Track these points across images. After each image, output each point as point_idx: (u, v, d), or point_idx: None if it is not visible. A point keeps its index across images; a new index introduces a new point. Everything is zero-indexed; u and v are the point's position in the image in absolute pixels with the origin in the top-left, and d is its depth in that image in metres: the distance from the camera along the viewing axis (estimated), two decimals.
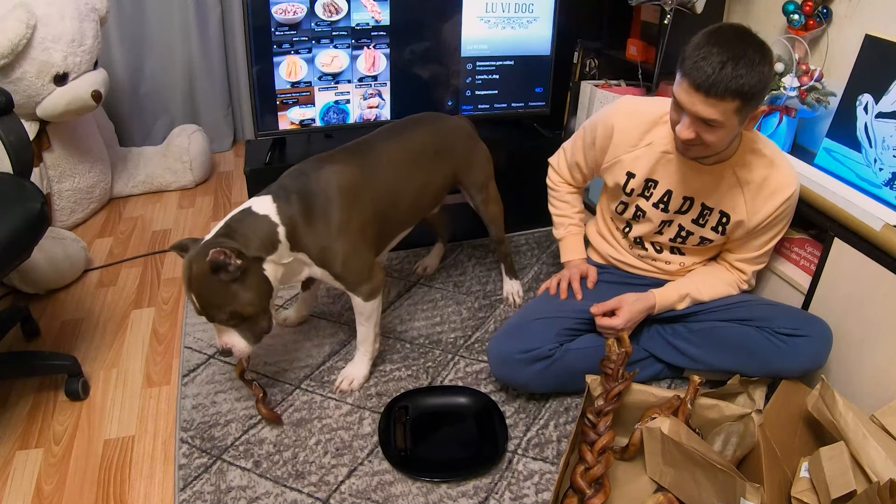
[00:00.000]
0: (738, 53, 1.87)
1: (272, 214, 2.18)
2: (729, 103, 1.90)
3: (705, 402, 2.16)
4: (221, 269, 2.04)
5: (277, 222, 2.18)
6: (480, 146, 2.88)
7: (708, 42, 1.90)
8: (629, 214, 2.47)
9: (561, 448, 2.30)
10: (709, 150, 2.09)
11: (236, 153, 4.75)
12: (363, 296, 2.40)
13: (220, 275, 2.05)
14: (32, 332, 2.80)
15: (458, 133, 2.79)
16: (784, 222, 2.31)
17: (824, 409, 1.95)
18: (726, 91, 1.87)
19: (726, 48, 1.87)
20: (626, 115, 2.36)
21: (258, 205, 2.20)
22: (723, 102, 1.90)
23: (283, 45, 2.98)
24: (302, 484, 2.14)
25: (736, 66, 1.86)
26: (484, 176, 2.87)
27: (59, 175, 3.52)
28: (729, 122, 1.95)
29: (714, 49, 1.88)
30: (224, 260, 2.02)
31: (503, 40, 3.30)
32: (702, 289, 2.43)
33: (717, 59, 1.87)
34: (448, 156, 2.72)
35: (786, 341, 2.27)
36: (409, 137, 2.60)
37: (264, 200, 2.21)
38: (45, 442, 2.33)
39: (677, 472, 2.00)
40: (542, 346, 2.33)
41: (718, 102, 1.90)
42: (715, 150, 2.09)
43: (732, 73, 1.86)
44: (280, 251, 2.19)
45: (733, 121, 1.95)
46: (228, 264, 2.03)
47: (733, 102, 1.90)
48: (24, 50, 3.08)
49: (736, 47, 1.87)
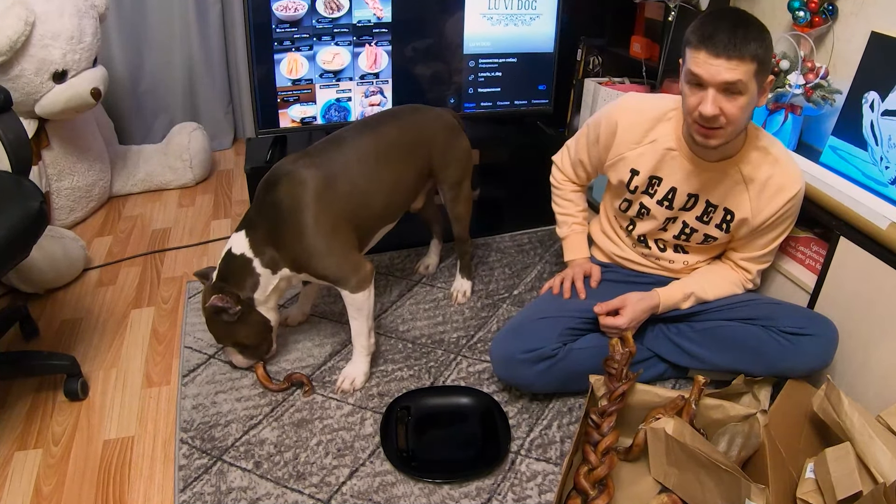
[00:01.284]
0: (743, 21, 1.97)
1: (247, 251, 2.38)
2: (749, 64, 1.95)
3: (710, 402, 2.16)
4: (223, 313, 2.36)
5: (251, 257, 2.38)
6: (460, 142, 2.84)
7: (711, 18, 2.00)
8: (633, 212, 2.47)
9: (564, 449, 2.30)
10: (729, 132, 2.07)
11: (237, 151, 4.75)
12: (350, 288, 2.41)
13: (223, 316, 2.38)
14: (31, 332, 2.80)
15: (436, 127, 2.75)
16: (789, 221, 2.31)
17: (830, 410, 1.95)
18: (745, 51, 1.93)
19: (731, 18, 1.98)
20: (630, 112, 2.37)
21: (236, 244, 2.40)
22: (743, 63, 1.94)
23: (284, 42, 2.98)
24: (303, 485, 2.14)
25: (747, 29, 1.94)
26: (460, 173, 2.85)
27: (58, 173, 3.52)
28: (750, 87, 1.98)
29: (720, 21, 1.97)
30: (223, 305, 2.33)
31: (506, 37, 3.31)
32: (706, 288, 2.43)
33: (727, 26, 1.94)
34: (423, 150, 2.70)
35: (791, 340, 2.27)
36: (381, 133, 2.57)
37: (239, 238, 2.39)
38: (43, 442, 2.33)
39: (681, 472, 2.00)
40: (545, 346, 2.33)
41: (740, 63, 1.94)
42: (736, 129, 2.08)
43: (745, 35, 1.94)
44: (262, 284, 2.41)
45: (753, 87, 1.99)
46: (228, 309, 2.34)
47: (752, 64, 1.95)
48: (22, 47, 3.08)
49: (740, 17, 1.99)
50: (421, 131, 2.70)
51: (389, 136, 2.58)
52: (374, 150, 2.52)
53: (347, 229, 2.42)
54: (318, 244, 2.33)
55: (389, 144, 2.57)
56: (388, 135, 2.58)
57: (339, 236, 2.38)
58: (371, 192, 2.49)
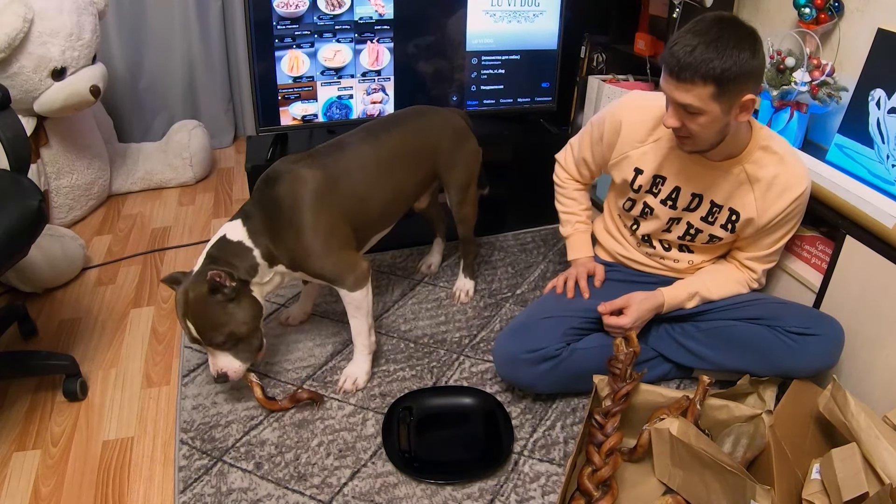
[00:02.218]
0: (712, 38, 1.90)
1: (245, 239, 2.33)
2: (702, 88, 1.93)
3: (715, 402, 2.16)
4: (219, 290, 2.22)
5: (251, 246, 2.33)
6: (469, 144, 2.85)
7: (687, 30, 1.95)
8: (637, 211, 2.47)
9: (568, 449, 2.30)
10: (699, 143, 2.10)
11: (237, 149, 4.76)
12: (348, 286, 2.42)
13: (217, 296, 2.23)
14: (30, 332, 2.81)
15: (443, 131, 2.76)
16: (795, 220, 2.31)
17: (836, 410, 1.95)
18: (695, 74, 1.91)
19: (701, 34, 1.92)
20: (635, 111, 2.37)
21: (231, 231, 2.33)
22: (695, 87, 1.93)
23: (285, 39, 2.98)
24: (304, 486, 2.15)
25: (706, 49, 1.89)
26: (467, 176, 2.85)
27: (57, 171, 3.53)
28: (709, 109, 1.97)
29: (688, 35, 1.93)
30: (220, 281, 2.20)
31: (509, 34, 3.30)
32: (711, 287, 2.43)
33: (689, 44, 1.91)
34: (428, 156, 2.71)
35: (797, 340, 2.27)
36: (384, 141, 2.57)
37: (236, 226, 2.34)
38: (42, 443, 2.34)
39: (686, 473, 2.00)
40: (548, 346, 2.33)
41: (691, 87, 1.94)
42: (704, 141, 2.09)
43: (701, 56, 1.89)
44: (261, 272, 2.35)
45: (713, 108, 1.97)
46: (225, 285, 2.21)
47: (706, 87, 1.93)
48: (21, 44, 3.09)
49: (710, 32, 1.91)
50: (427, 137, 2.70)
51: (392, 145, 2.58)
52: (376, 158, 2.52)
53: (345, 229, 2.43)
54: (315, 244, 2.34)
55: (392, 153, 2.57)
56: (390, 143, 2.58)
57: (337, 236, 2.39)
58: (369, 199, 2.50)
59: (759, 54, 1.95)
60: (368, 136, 2.57)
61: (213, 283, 2.19)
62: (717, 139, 2.11)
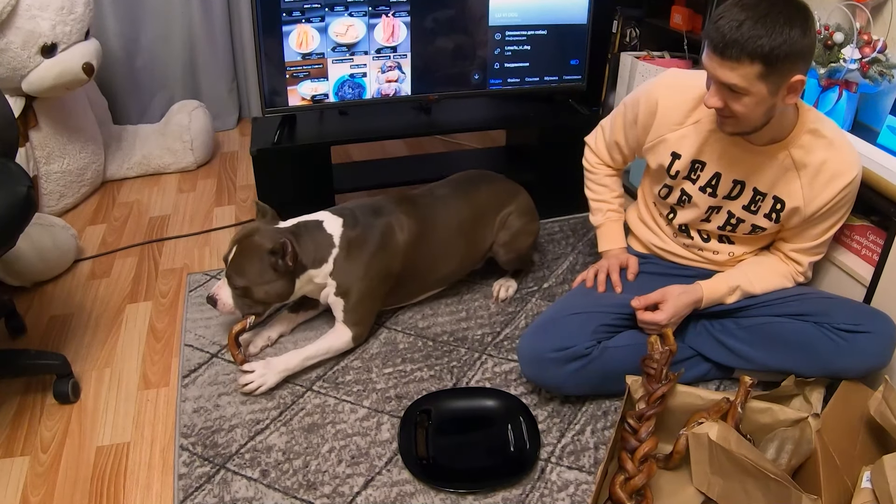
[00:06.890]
0: (761, 13, 1.89)
1: (336, 236, 2.62)
2: (748, 67, 1.92)
3: (757, 405, 2.16)
4: (277, 256, 2.46)
5: (336, 245, 2.61)
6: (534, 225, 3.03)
7: (734, 3, 1.94)
8: (674, 199, 2.47)
9: (599, 456, 2.30)
10: (742, 124, 2.10)
11: (241, 132, 4.78)
12: (351, 333, 2.64)
13: (271, 258, 2.46)
14: (18, 329, 2.82)
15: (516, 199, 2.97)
16: (844, 209, 2.30)
17: (888, 413, 1.95)
18: (742, 52, 1.90)
19: (748, 8, 1.90)
20: (672, 90, 2.37)
21: (329, 223, 2.64)
22: (741, 66, 1.92)
23: (294, 13, 2.99)
24: (314, 495, 2.16)
25: (754, 25, 1.88)
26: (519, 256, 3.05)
27: (48, 156, 3.54)
28: (755, 90, 1.96)
29: (735, 9, 1.92)
30: (285, 252, 2.44)
31: (535, 7, 3.30)
32: (753, 281, 2.42)
33: (735, 19, 1.90)
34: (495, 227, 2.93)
35: (846, 338, 2.26)
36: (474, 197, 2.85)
37: (336, 221, 2.65)
38: (31, 449, 2.35)
39: (726, 482, 2.00)
40: (577, 344, 2.33)
41: (737, 66, 1.93)
42: (749, 123, 2.09)
43: (749, 32, 1.88)
44: (323, 269, 2.61)
45: (759, 89, 1.96)
46: (285, 258, 2.46)
47: (753, 66, 1.92)
48: (8, 18, 3.10)
49: (760, 6, 1.90)
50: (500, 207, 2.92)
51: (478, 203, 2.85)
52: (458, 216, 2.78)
53: (390, 285, 2.73)
54: (365, 284, 2.63)
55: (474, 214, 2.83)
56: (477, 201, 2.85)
57: (381, 289, 2.70)
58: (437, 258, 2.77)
59: (810, 32, 1.93)
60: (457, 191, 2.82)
61: (280, 248, 2.43)
62: (762, 122, 2.10)
